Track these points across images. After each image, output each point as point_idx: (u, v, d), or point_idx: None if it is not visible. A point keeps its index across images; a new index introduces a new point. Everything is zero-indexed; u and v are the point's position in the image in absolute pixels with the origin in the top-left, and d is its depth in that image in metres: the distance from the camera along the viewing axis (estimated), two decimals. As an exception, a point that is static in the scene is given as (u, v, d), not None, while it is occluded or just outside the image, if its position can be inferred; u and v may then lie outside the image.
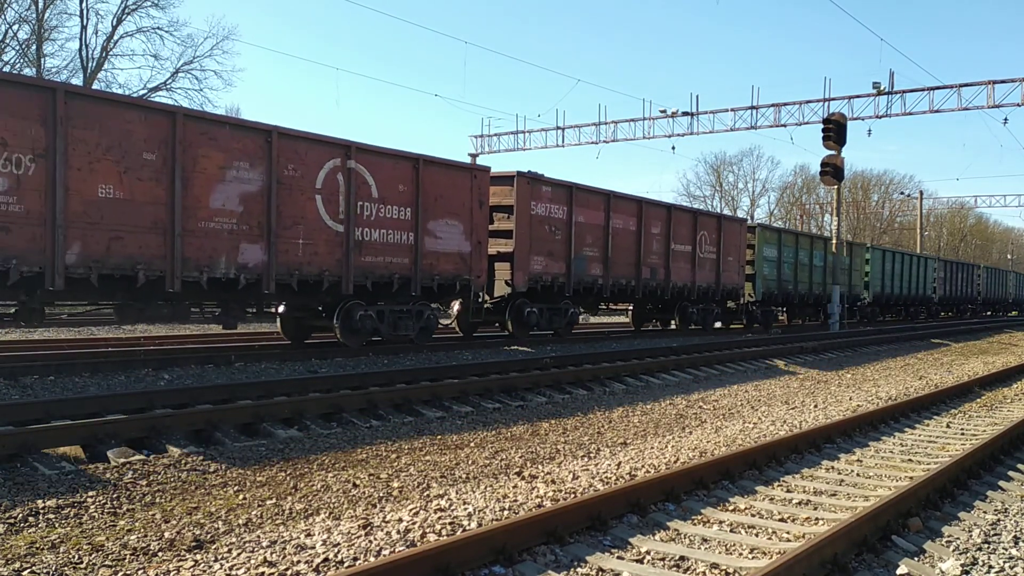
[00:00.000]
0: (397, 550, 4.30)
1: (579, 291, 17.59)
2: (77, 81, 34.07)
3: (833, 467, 6.82)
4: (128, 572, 4.06)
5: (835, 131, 25.41)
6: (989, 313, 53.22)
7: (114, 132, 9.89)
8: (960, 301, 46.26)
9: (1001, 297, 55.78)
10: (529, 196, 16.07)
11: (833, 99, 31.40)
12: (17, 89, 9.21)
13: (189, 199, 10.59)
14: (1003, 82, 28.81)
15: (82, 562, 4.17)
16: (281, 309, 13.67)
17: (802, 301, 27.70)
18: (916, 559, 4.54)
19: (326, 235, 12.32)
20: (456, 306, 16.15)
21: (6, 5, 33.52)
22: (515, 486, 5.83)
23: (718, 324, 24.32)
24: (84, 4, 35.43)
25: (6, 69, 32.47)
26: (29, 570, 4.05)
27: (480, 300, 15.43)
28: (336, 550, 4.29)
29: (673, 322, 22.02)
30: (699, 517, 5.22)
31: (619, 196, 18.77)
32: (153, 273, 10.25)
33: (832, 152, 25.49)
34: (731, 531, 4.95)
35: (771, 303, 26.07)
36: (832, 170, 25.52)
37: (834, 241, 27.80)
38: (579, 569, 4.25)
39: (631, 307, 22.84)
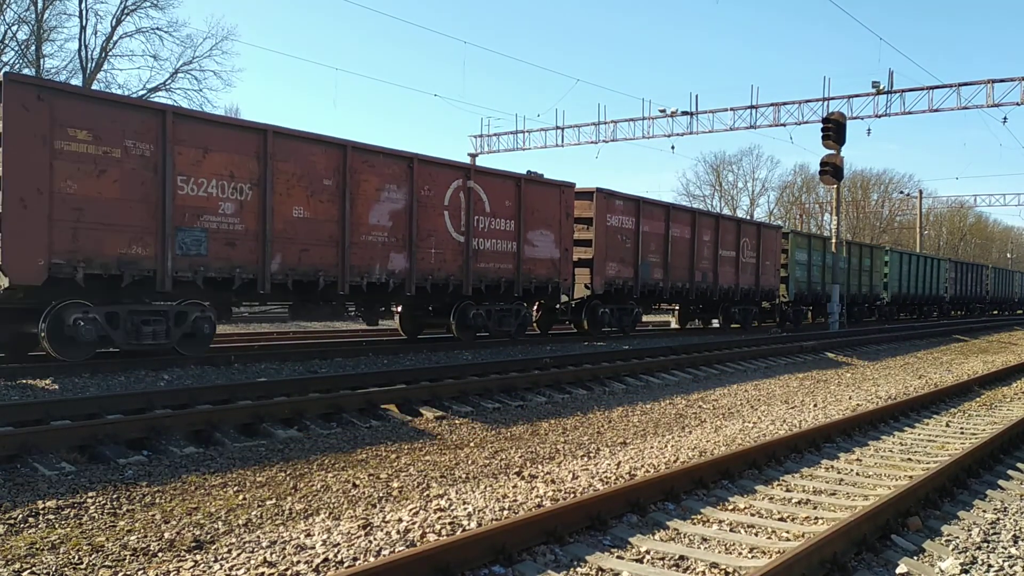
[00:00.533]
0: (397, 550, 4.31)
1: (644, 293, 19.53)
2: (76, 81, 34.06)
3: (833, 466, 6.82)
4: (128, 572, 4.07)
5: (834, 130, 25.41)
6: (996, 312, 54.48)
7: (304, 163, 11.98)
8: (970, 300, 47.97)
9: (1008, 296, 57.51)
10: (605, 209, 18.09)
11: (832, 98, 31.42)
12: (239, 131, 11.27)
13: (354, 217, 12.69)
14: (1002, 81, 28.82)
15: (82, 563, 4.18)
16: (400, 309, 15.43)
17: (828, 300, 29.43)
18: (915, 558, 4.55)
19: (451, 245, 14.47)
20: (535, 306, 18.14)
21: (5, 5, 33.54)
22: (515, 486, 5.84)
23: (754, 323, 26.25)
24: (83, 5, 35.44)
25: (5, 69, 32.45)
26: (29, 571, 4.05)
27: (564, 301, 17.61)
28: (336, 550, 4.29)
29: (715, 321, 24.22)
30: (699, 516, 5.22)
31: (677, 207, 21.26)
32: (329, 279, 12.32)
33: (831, 151, 25.49)
34: (731, 530, 4.95)
35: (801, 303, 28.15)
36: (831, 169, 25.53)
37: (833, 241, 27.84)
38: (579, 569, 4.25)
39: (677, 307, 24.56)
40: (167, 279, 10.42)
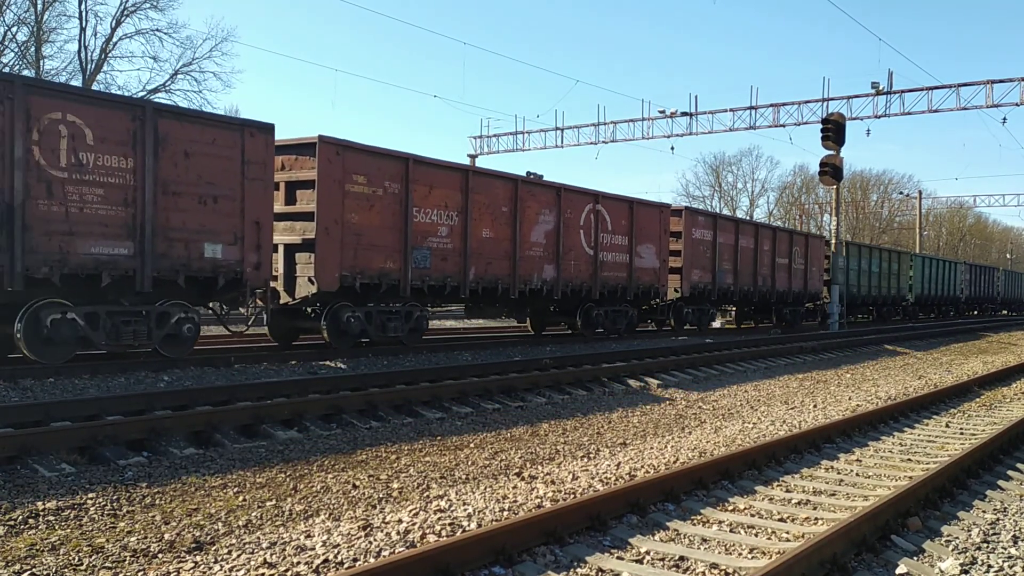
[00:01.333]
0: (397, 551, 4.31)
1: (718, 296, 22.93)
2: (76, 82, 34.06)
3: (832, 467, 6.82)
4: (128, 574, 4.07)
5: (834, 131, 25.43)
6: (1006, 312, 56.22)
7: (490, 194, 15.41)
8: (983, 301, 51.22)
9: (1017, 297, 60.90)
10: (691, 224, 21.59)
11: (832, 99, 31.42)
12: (450, 171, 14.63)
13: (521, 236, 16.07)
14: (1002, 82, 28.84)
15: (82, 564, 4.18)
16: (528, 310, 18.46)
17: (863, 301, 33.65)
18: (915, 559, 4.55)
19: (585, 257, 17.88)
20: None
21: (5, 7, 33.54)
22: (515, 487, 5.84)
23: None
24: (83, 6, 35.42)
25: (5, 70, 32.44)
26: (29, 572, 4.05)
27: (658, 302, 20.94)
28: (336, 551, 4.30)
29: (767, 320, 27.34)
30: (699, 517, 5.23)
31: (744, 222, 25.79)
32: (504, 285, 15.68)
33: (831, 152, 25.51)
34: (731, 531, 4.95)
35: (840, 303, 31.39)
36: (831, 170, 25.55)
37: (833, 241, 27.88)
38: (579, 569, 4.26)
39: (734, 308, 27.62)
40: (408, 286, 13.65)
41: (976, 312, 50.95)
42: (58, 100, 9.58)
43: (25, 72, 33.23)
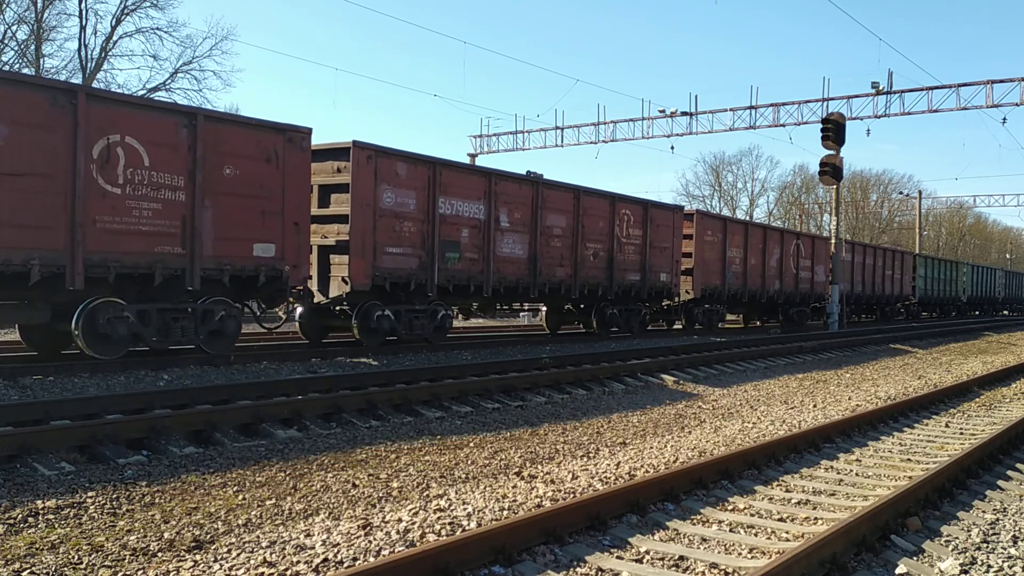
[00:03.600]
0: (397, 550, 4.31)
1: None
2: (76, 81, 34.04)
3: (832, 467, 6.83)
4: (128, 572, 4.07)
5: (834, 131, 25.42)
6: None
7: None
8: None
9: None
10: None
11: (832, 99, 31.42)
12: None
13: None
14: (1002, 82, 28.84)
15: (82, 562, 4.18)
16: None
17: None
18: (915, 558, 4.55)
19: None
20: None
21: (5, 5, 33.51)
22: (514, 486, 5.84)
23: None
24: (83, 4, 35.36)
25: (5, 69, 32.42)
26: (29, 570, 4.05)
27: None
28: (336, 550, 4.29)
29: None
30: (698, 517, 5.23)
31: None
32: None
33: (831, 152, 25.51)
34: (730, 531, 4.95)
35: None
36: (831, 170, 25.55)
37: (833, 241, 27.87)
38: (578, 569, 4.26)
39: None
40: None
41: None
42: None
43: (25, 71, 33.21)
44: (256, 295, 12.17)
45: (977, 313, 51.52)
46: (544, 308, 19.65)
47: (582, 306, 18.91)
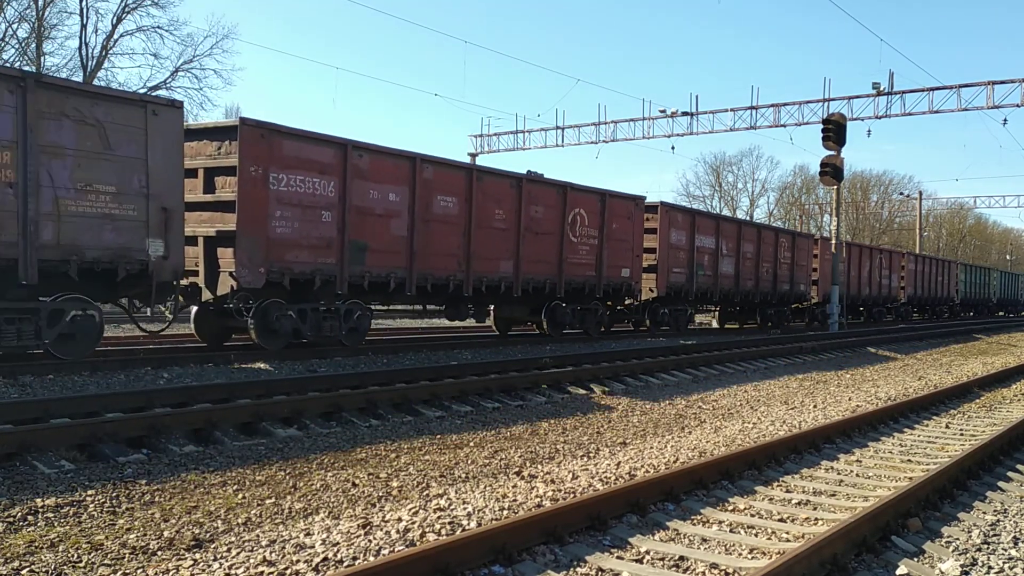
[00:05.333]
0: (396, 550, 4.30)
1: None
2: (77, 78, 34.02)
3: (832, 467, 6.82)
4: (127, 571, 4.06)
5: (834, 131, 25.41)
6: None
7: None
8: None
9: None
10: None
11: (833, 99, 31.41)
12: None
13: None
14: (1002, 83, 28.82)
15: (81, 561, 4.17)
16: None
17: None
18: (916, 559, 4.54)
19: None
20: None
21: (6, 3, 33.50)
22: (514, 486, 5.83)
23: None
24: (84, 3, 35.31)
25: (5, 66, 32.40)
26: (28, 569, 4.04)
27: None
28: (335, 549, 4.29)
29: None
30: (698, 517, 5.22)
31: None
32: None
33: (831, 152, 25.49)
34: (730, 531, 4.95)
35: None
36: (831, 170, 25.53)
37: (833, 242, 27.86)
38: (578, 569, 4.25)
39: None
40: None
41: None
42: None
43: (25, 68, 33.19)
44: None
45: (1001, 314, 57.37)
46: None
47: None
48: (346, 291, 12.71)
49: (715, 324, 28.06)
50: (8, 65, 32.56)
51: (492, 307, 17.47)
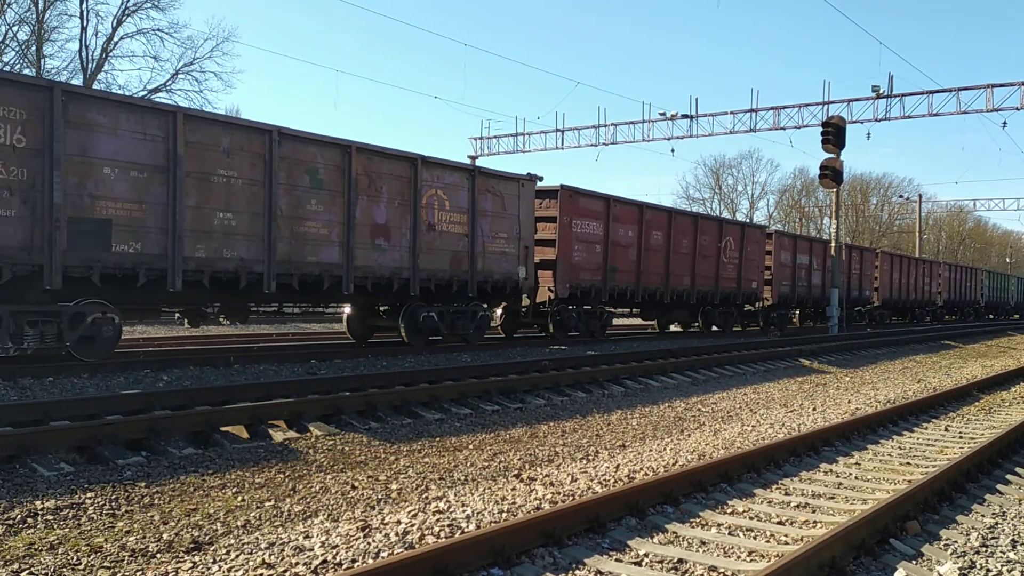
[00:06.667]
0: (396, 552, 4.30)
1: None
2: (77, 82, 34.05)
3: (831, 470, 6.82)
4: (126, 574, 4.07)
5: (834, 134, 25.44)
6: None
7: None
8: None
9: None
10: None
11: (832, 102, 31.42)
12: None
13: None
14: (1002, 86, 28.83)
15: (80, 563, 4.18)
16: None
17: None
18: (914, 562, 4.55)
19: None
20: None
21: (6, 6, 33.53)
22: (514, 488, 5.83)
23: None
24: (84, 5, 35.37)
25: (6, 72, 32.43)
26: (27, 571, 4.05)
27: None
28: (334, 552, 4.29)
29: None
30: (697, 520, 5.22)
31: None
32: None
33: (831, 155, 25.53)
34: (729, 534, 4.95)
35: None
36: (831, 173, 25.56)
37: (832, 244, 27.86)
38: (577, 571, 4.25)
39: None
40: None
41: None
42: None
43: (26, 71, 33.21)
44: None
45: (1016, 317, 61.36)
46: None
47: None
48: (605, 299, 18.39)
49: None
50: (10, 69, 32.58)
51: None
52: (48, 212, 9.62)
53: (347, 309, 15.26)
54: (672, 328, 25.06)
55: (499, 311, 18.15)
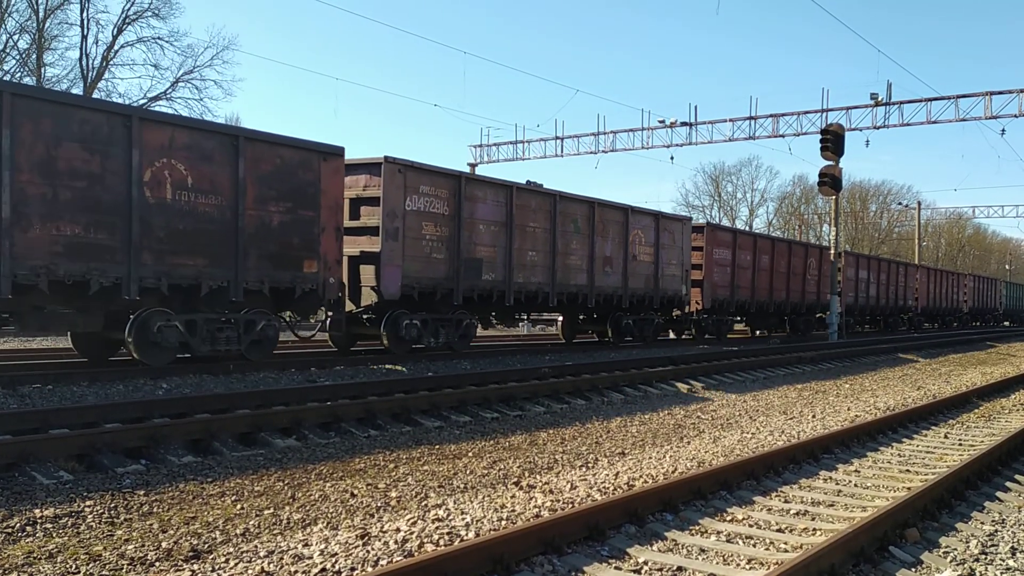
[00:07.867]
0: (395, 560, 4.30)
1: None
2: (77, 90, 34.12)
3: (831, 477, 6.82)
4: (125, 582, 4.06)
5: (833, 142, 25.50)
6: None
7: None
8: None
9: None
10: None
11: (831, 110, 31.56)
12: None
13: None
14: (1000, 93, 28.95)
15: (79, 572, 4.17)
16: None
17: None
18: (913, 570, 4.54)
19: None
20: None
21: (7, 14, 33.64)
22: (513, 496, 5.83)
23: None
24: (85, 14, 35.55)
25: (6, 79, 32.48)
26: (26, 580, 4.04)
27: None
28: (334, 560, 4.29)
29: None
30: (697, 527, 5.22)
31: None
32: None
33: (830, 163, 25.59)
34: (728, 541, 4.95)
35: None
36: (830, 180, 25.62)
37: (832, 251, 27.91)
38: (576, 579, 4.25)
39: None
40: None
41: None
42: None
43: (26, 80, 33.28)
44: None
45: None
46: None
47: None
48: (733, 310, 23.70)
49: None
50: (10, 77, 32.64)
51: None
52: (456, 255, 15.01)
53: (559, 318, 21.14)
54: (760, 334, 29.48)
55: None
